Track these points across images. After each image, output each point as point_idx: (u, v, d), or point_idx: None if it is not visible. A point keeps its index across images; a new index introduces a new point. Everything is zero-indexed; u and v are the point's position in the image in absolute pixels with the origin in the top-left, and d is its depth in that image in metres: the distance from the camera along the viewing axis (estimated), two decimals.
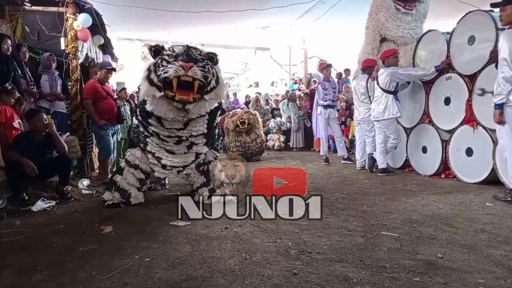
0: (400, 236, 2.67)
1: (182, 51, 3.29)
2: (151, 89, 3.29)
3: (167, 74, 3.12)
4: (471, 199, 3.81)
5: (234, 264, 2.19)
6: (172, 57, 3.27)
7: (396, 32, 6.11)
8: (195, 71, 3.15)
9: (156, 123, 3.52)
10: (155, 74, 3.27)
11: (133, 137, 3.95)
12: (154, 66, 3.31)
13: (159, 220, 3.22)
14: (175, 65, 3.12)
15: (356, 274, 2.02)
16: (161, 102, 3.32)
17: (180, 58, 3.18)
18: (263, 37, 13.78)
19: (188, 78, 3.13)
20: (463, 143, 4.78)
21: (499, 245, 2.48)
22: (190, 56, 3.24)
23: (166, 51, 3.36)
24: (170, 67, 3.13)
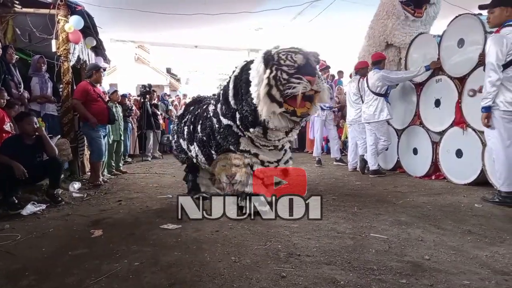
0: (389, 238, 2.69)
1: (304, 62, 2.99)
2: (272, 106, 2.99)
3: (294, 90, 2.89)
4: (460, 200, 3.85)
5: (223, 267, 2.19)
6: (293, 68, 2.96)
7: (403, 40, 6.06)
8: (319, 84, 2.97)
9: (261, 134, 3.23)
10: (277, 89, 2.96)
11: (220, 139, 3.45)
12: (274, 80, 2.96)
13: (150, 223, 3.22)
14: (303, 81, 2.88)
15: (343, 277, 2.03)
16: (280, 117, 3.08)
17: (305, 71, 2.94)
18: (257, 39, 13.80)
19: (312, 92, 2.97)
20: (453, 145, 4.83)
21: (485, 246, 2.51)
22: (311, 66, 3.01)
23: (282, 60, 2.99)
24: (297, 83, 2.89)
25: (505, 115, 3.51)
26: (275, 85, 2.96)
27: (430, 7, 6.02)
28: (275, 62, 2.99)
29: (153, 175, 6.32)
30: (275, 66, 2.98)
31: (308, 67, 2.97)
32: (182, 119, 4.14)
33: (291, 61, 2.97)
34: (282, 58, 2.99)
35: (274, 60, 3.00)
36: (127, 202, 4.16)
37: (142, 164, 8.05)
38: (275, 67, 2.97)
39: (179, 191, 4.66)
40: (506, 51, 3.46)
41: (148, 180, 5.71)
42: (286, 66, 2.96)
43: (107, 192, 4.80)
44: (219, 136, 3.43)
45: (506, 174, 3.55)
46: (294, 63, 2.96)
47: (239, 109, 3.20)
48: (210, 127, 3.55)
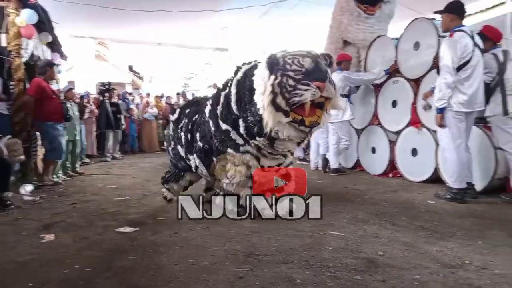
0: (346, 235, 2.75)
1: (313, 66, 2.71)
2: (277, 116, 2.75)
3: (302, 98, 2.64)
4: (414, 197, 4.01)
5: (179, 270, 2.15)
6: (300, 73, 2.69)
7: (357, 36, 6.16)
8: (330, 90, 2.69)
9: (267, 144, 3.01)
10: (283, 97, 2.70)
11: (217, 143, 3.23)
12: (279, 88, 2.71)
13: (105, 227, 3.10)
14: (311, 87, 2.62)
15: (300, 275, 2.05)
16: (287, 127, 2.82)
17: (314, 76, 2.66)
18: (222, 38, 13.73)
19: (323, 99, 2.71)
20: (409, 144, 5.02)
21: (436, 241, 2.62)
22: (321, 71, 2.72)
23: (288, 65, 2.73)
24: (305, 90, 2.63)
25: (456, 115, 3.69)
26: (280, 93, 2.71)
27: (385, 5, 6.18)
28: (280, 67, 2.74)
29: (111, 177, 6.12)
30: (280, 72, 2.72)
31: (317, 72, 2.69)
32: (178, 124, 3.79)
33: (298, 65, 2.71)
34: (288, 62, 2.74)
35: (279, 65, 2.75)
36: (82, 205, 4.00)
37: (101, 165, 7.78)
38: (280, 73, 2.72)
39: (138, 192, 4.54)
40: (459, 55, 3.63)
41: (106, 182, 5.52)
42: (293, 71, 2.71)
43: (62, 195, 4.60)
44: (215, 140, 3.22)
45: (457, 171, 3.73)
46: (301, 68, 2.70)
47: (243, 118, 3.01)
48: (210, 132, 3.30)
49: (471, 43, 3.65)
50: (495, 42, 4.07)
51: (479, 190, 3.95)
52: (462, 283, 1.94)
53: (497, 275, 2.04)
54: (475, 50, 3.67)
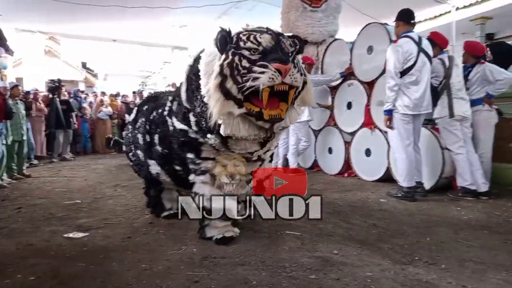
0: (302, 235, 2.78)
1: (272, 43, 2.16)
2: (227, 105, 2.17)
3: (256, 83, 2.05)
4: (368, 196, 4.14)
5: (131, 276, 2.06)
6: (257, 52, 2.14)
7: (306, 30, 6.13)
8: (295, 76, 2.10)
9: (218, 143, 2.42)
10: (234, 81, 2.14)
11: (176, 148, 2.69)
12: (230, 69, 2.15)
13: (52, 232, 2.92)
14: (270, 69, 2.04)
15: (256, 277, 2.04)
16: (240, 121, 2.24)
17: (273, 56, 2.10)
18: (181, 36, 13.51)
19: (285, 87, 2.10)
20: (363, 145, 5.19)
21: (388, 238, 2.71)
22: (284, 51, 2.18)
23: (243, 42, 2.18)
24: (261, 72, 2.05)
25: (403, 118, 3.86)
26: (230, 75, 2.15)
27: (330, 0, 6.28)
28: (232, 45, 2.21)
29: (61, 179, 5.79)
30: (232, 50, 2.19)
31: (277, 52, 2.14)
32: (135, 124, 3.22)
33: (254, 42, 2.16)
34: (242, 39, 2.19)
35: (231, 42, 2.22)
36: (28, 209, 3.75)
37: (50, 167, 7.35)
38: (232, 51, 2.18)
39: (90, 195, 4.34)
40: (402, 60, 3.80)
41: (55, 185, 5.22)
42: (247, 49, 2.16)
43: (5, 199, 4.28)
44: (173, 143, 2.68)
45: (406, 171, 3.90)
46: (258, 46, 2.15)
47: (191, 109, 2.46)
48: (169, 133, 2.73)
49: (415, 48, 3.83)
50: (442, 48, 4.29)
51: (428, 189, 4.14)
52: (412, 279, 2.02)
53: (443, 270, 2.14)
54: (421, 55, 3.85)
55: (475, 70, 4.18)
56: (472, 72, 4.20)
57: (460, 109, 4.01)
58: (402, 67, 3.81)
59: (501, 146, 4.48)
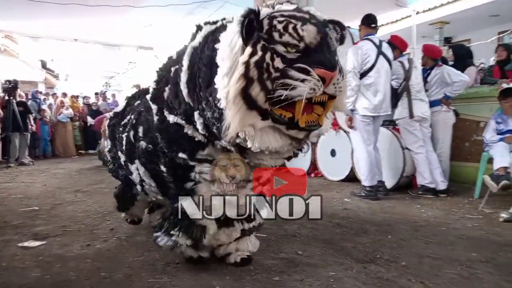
0: (268, 236, 2.78)
1: (317, 39, 1.61)
2: (249, 116, 1.64)
3: (294, 93, 1.54)
4: (333, 195, 4.21)
5: (90, 285, 1.98)
6: (296, 50, 1.59)
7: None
8: (339, 85, 1.64)
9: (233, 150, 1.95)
10: (262, 87, 1.59)
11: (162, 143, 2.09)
12: (258, 70, 1.59)
13: (6, 241, 2.75)
14: (313, 77, 1.53)
15: (220, 281, 2.01)
16: (266, 132, 1.72)
17: (318, 58, 1.58)
18: (147, 36, 13.22)
19: (324, 97, 1.63)
20: (328, 145, 5.27)
21: (351, 237, 2.76)
22: (330, 50, 1.66)
23: (278, 32, 1.60)
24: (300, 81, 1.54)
25: (364, 119, 3.97)
26: (258, 79, 1.59)
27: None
28: (263, 35, 1.63)
29: (18, 185, 5.50)
30: (263, 43, 1.62)
31: (323, 52, 1.61)
32: (122, 120, 2.65)
33: (294, 36, 1.59)
34: (277, 28, 1.61)
35: (262, 31, 1.64)
36: None
37: (7, 172, 6.97)
38: (262, 45, 1.61)
39: (48, 202, 4.14)
40: (361, 61, 3.90)
41: (11, 191, 4.93)
42: (284, 44, 1.60)
43: None
44: (160, 138, 2.09)
45: (368, 170, 4.00)
46: (298, 41, 1.59)
47: (198, 109, 1.86)
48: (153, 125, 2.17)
49: (375, 51, 3.94)
50: (402, 50, 4.44)
51: (389, 188, 4.27)
52: (373, 277, 2.06)
53: (403, 267, 2.20)
54: (380, 58, 3.96)
55: (434, 73, 4.35)
56: (431, 74, 4.37)
57: (420, 110, 4.15)
58: (362, 67, 3.91)
59: (458, 145, 4.70)
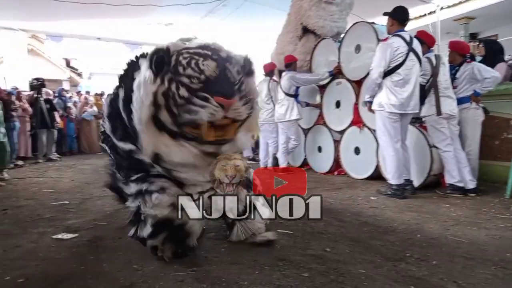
0: (294, 233, 2.78)
1: (216, 72, 1.95)
2: (159, 138, 1.97)
3: (195, 117, 1.88)
4: (358, 194, 4.17)
5: (123, 277, 2.03)
6: (197, 80, 1.92)
7: (317, 22, 5.91)
8: (240, 110, 1.97)
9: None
10: (169, 113, 1.92)
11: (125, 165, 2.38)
12: (165, 98, 1.91)
13: (40, 234, 2.85)
14: (210, 104, 1.86)
15: (249, 276, 2.02)
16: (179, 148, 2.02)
17: (217, 88, 1.90)
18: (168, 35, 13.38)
19: (227, 121, 1.96)
20: (352, 143, 5.22)
21: (379, 235, 2.73)
22: (229, 81, 1.98)
23: (183, 67, 1.94)
24: (201, 107, 1.87)
25: (391, 116, 3.90)
26: (165, 106, 1.92)
27: None
28: (171, 69, 1.95)
29: (48, 180, 5.68)
30: (170, 75, 1.94)
31: (222, 82, 1.94)
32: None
33: (195, 70, 1.93)
34: (182, 63, 1.95)
35: (169, 65, 1.96)
36: (14, 211, 3.66)
37: (36, 168, 7.20)
38: (169, 77, 1.93)
39: (77, 196, 4.26)
40: (389, 59, 3.84)
41: (41, 186, 5.10)
42: (188, 76, 1.92)
43: None
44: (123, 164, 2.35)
45: (395, 168, 3.94)
46: (200, 74, 1.92)
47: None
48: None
49: (405, 47, 3.85)
50: (429, 46, 4.35)
51: (416, 186, 4.20)
52: (404, 275, 2.03)
53: (434, 266, 2.16)
54: (410, 54, 3.88)
55: (463, 69, 4.24)
56: (460, 70, 4.26)
57: (447, 107, 4.06)
58: (389, 66, 3.85)
59: (487, 143, 4.57)
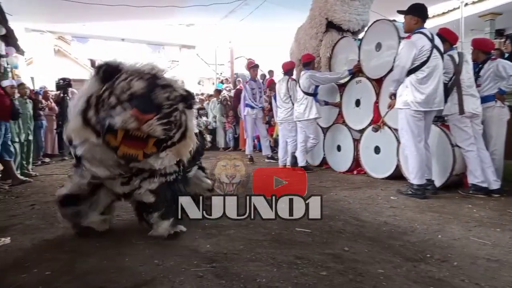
0: (312, 232, 2.79)
1: (142, 91, 2.31)
2: (84, 131, 2.34)
3: (110, 121, 2.24)
4: (378, 193, 4.13)
5: (144, 272, 2.09)
6: (125, 94, 2.29)
7: (343, 16, 5.91)
8: (154, 127, 2.28)
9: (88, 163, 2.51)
10: (95, 112, 2.32)
11: None
12: (96, 100, 2.33)
13: (66, 229, 2.95)
14: (126, 114, 2.23)
15: (267, 273, 2.05)
16: (97, 150, 2.39)
17: (136, 104, 2.25)
18: (189, 35, 13.56)
19: (141, 133, 2.31)
20: (372, 142, 5.17)
21: (399, 236, 2.71)
22: (152, 102, 2.32)
23: (119, 80, 2.35)
24: (117, 114, 2.24)
25: (415, 114, 3.84)
26: (94, 106, 2.33)
27: None
28: (112, 81, 2.35)
29: None
30: (109, 84, 2.35)
31: (144, 101, 2.28)
32: None
33: (127, 85, 2.31)
34: (120, 78, 2.35)
35: (113, 77, 2.37)
36: (42, 206, 3.81)
37: (62, 165, 7.45)
38: (108, 85, 2.34)
39: None
40: (413, 57, 3.78)
41: None
42: (120, 88, 2.31)
43: (19, 196, 4.36)
44: None
45: (417, 168, 3.87)
46: (128, 89, 2.30)
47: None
48: None
49: (429, 45, 3.79)
50: (452, 44, 4.26)
51: (438, 186, 4.12)
52: (424, 276, 2.02)
53: (456, 267, 2.13)
54: (434, 51, 3.81)
55: (487, 66, 4.14)
56: (484, 68, 4.16)
57: (471, 106, 3.97)
58: (413, 64, 3.79)
59: None
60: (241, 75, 13.41)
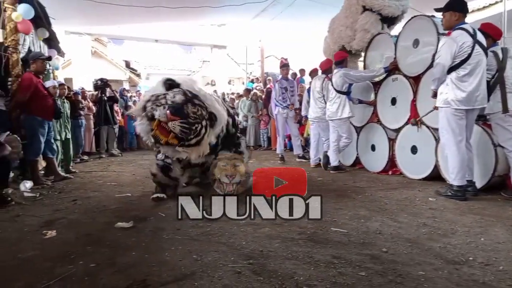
0: (349, 232, 2.75)
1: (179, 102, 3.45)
2: (141, 113, 3.60)
3: (154, 113, 3.44)
4: (415, 194, 4.02)
5: (184, 266, 2.14)
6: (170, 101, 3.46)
7: (383, 1, 5.77)
8: (175, 126, 3.38)
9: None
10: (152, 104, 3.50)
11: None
12: (155, 98, 3.53)
13: (107, 223, 3.08)
14: (163, 111, 3.38)
15: (304, 272, 2.05)
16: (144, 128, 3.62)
17: (171, 108, 3.38)
18: (220, 35, 13.69)
19: (167, 127, 3.40)
20: (408, 141, 5.03)
21: (439, 238, 2.63)
22: (182, 111, 3.41)
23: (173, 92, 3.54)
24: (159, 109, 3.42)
25: (456, 113, 3.70)
26: (151, 100, 3.53)
27: None
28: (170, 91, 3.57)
29: (111, 173, 6.09)
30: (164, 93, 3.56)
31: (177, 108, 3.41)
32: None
33: (172, 96, 3.48)
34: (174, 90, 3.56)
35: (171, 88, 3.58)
36: (83, 201, 3.98)
37: (100, 162, 7.74)
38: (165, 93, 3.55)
39: (139, 189, 4.53)
40: (454, 54, 3.64)
41: (105, 179, 5.49)
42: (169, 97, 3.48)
43: (62, 191, 4.57)
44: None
45: (458, 169, 3.73)
46: (172, 98, 3.47)
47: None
48: None
49: (470, 41, 3.64)
50: (495, 39, 4.07)
51: (479, 187, 3.96)
52: (467, 279, 1.95)
53: (501, 272, 2.05)
54: (476, 47, 3.66)
55: None
56: None
57: None
58: (454, 61, 3.66)
59: None
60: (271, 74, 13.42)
